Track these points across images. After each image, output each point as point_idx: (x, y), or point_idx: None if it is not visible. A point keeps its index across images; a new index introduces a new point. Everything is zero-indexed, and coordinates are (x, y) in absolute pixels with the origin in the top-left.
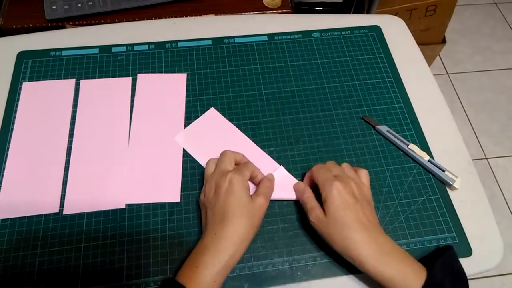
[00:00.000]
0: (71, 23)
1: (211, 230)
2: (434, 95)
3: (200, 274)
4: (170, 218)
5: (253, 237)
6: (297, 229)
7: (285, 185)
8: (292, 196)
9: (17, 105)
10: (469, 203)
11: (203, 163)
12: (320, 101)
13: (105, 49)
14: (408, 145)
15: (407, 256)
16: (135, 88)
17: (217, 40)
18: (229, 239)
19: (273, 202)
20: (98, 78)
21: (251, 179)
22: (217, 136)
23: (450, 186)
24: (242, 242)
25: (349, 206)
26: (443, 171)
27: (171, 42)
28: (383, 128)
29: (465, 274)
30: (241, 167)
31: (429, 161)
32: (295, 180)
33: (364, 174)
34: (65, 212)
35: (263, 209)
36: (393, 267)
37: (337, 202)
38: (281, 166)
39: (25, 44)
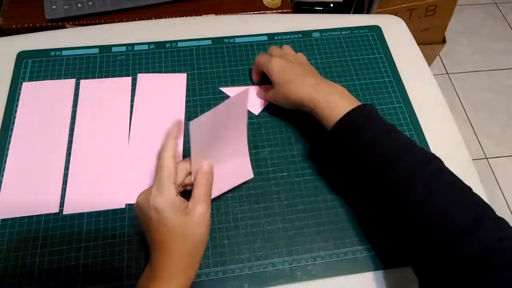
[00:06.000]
0: (71, 23)
1: (154, 258)
2: (434, 95)
3: None
4: None
5: (203, 251)
6: (297, 229)
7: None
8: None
9: (17, 105)
10: None
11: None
12: None
13: (105, 49)
14: None
15: (344, 94)
16: (135, 88)
17: (217, 40)
18: (172, 267)
19: (273, 202)
20: (98, 78)
21: (183, 187)
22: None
23: None
24: (189, 264)
25: (287, 68)
26: None
27: (171, 42)
28: None
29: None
30: (161, 182)
31: None
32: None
33: (301, 55)
34: (65, 212)
35: (205, 218)
36: (324, 96)
37: (277, 69)
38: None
39: (25, 44)
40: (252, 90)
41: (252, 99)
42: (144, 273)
